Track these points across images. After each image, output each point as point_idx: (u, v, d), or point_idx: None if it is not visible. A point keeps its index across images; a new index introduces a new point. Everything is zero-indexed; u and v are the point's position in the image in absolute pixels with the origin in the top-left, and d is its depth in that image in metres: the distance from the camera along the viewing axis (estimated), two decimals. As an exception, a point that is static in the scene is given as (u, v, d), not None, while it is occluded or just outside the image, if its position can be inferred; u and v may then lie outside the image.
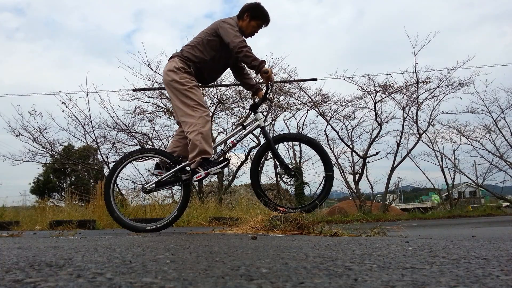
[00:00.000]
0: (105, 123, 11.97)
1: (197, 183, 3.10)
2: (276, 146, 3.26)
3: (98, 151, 12.26)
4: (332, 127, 13.05)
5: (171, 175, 3.15)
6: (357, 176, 13.53)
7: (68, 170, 23.48)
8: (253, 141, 13.89)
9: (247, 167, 13.81)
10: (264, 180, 14.16)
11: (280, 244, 1.65)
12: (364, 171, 13.31)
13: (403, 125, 12.84)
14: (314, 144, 3.27)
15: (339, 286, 0.75)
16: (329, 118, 13.09)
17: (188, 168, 3.14)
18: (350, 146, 13.48)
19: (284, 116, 13.94)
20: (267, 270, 0.93)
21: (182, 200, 3.21)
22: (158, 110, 12.80)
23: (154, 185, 3.18)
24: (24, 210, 8.90)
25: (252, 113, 3.29)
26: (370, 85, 12.46)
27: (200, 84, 3.27)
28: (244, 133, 3.24)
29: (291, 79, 12.58)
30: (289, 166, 3.20)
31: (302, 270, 0.93)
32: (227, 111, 13.40)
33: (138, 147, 12.59)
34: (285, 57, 16.57)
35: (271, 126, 13.96)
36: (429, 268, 0.99)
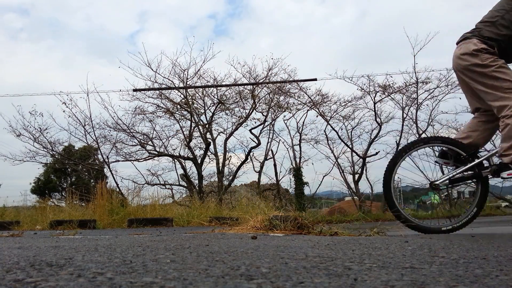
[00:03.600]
0: (105, 123, 11.99)
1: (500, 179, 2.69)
2: None
3: (99, 151, 12.26)
4: (331, 127, 13.07)
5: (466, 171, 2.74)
6: (356, 176, 13.54)
7: (69, 170, 23.50)
8: (253, 141, 13.84)
9: (247, 167, 13.77)
10: (264, 180, 14.18)
11: (280, 244, 1.65)
12: (364, 171, 13.33)
13: (402, 125, 12.85)
14: None
15: (339, 286, 0.76)
16: (329, 118, 13.10)
17: (486, 162, 2.74)
18: (350, 146, 13.49)
19: (284, 116, 13.90)
20: (267, 270, 0.93)
21: (480, 197, 2.93)
22: (158, 110, 12.81)
23: (447, 181, 2.84)
24: (24, 210, 8.90)
25: None
26: (369, 85, 12.47)
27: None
28: None
29: (291, 79, 12.58)
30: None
31: (302, 270, 0.93)
32: (227, 111, 13.40)
33: (139, 147, 12.59)
34: (285, 57, 16.58)
35: (271, 126, 13.93)
36: (428, 267, 0.99)
